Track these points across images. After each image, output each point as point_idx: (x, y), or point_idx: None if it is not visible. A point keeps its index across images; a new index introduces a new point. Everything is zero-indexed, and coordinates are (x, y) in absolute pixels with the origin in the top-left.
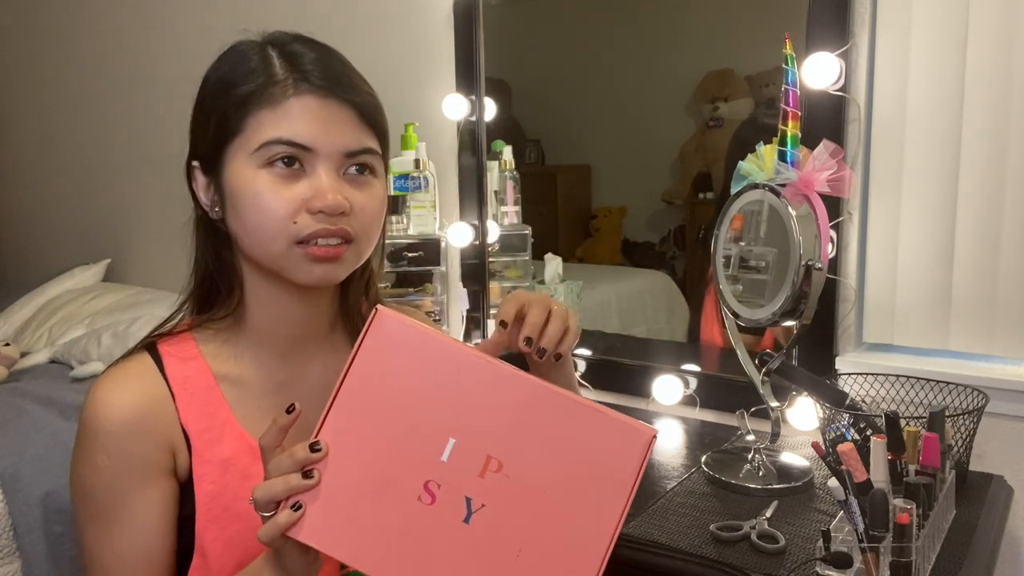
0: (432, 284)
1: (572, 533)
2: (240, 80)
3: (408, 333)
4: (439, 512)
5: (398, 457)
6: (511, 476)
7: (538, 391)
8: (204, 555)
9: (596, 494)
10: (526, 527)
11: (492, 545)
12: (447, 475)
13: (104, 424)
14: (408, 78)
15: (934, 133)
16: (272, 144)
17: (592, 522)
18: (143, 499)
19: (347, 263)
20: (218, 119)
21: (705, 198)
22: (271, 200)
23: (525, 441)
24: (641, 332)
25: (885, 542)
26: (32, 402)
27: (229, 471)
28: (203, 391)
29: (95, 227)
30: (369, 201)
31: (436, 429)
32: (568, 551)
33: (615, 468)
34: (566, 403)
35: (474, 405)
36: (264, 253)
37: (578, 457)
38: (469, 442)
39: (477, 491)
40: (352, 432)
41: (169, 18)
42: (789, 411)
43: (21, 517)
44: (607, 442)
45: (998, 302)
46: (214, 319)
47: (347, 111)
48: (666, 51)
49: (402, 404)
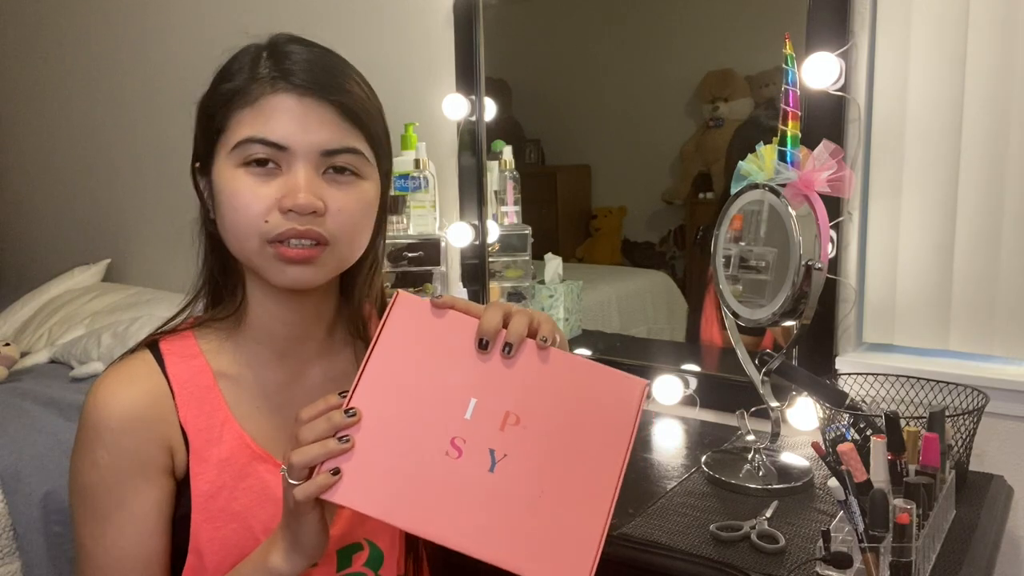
0: (432, 284)
1: (586, 472)
2: (227, 79)
3: (427, 309)
4: (466, 464)
5: (425, 418)
6: (528, 428)
7: (546, 353)
8: (199, 555)
9: (603, 437)
10: (545, 470)
11: (516, 489)
12: (471, 431)
13: (105, 421)
14: (408, 78)
15: (934, 133)
16: (247, 143)
17: (602, 461)
18: (141, 498)
19: (323, 266)
20: (207, 118)
21: (705, 198)
22: (245, 198)
23: (538, 397)
24: (641, 332)
25: (885, 542)
26: (32, 402)
27: (226, 471)
28: (203, 390)
29: (95, 227)
30: (348, 202)
31: (459, 391)
32: (584, 487)
33: (616, 414)
34: (571, 361)
35: (490, 368)
36: (241, 252)
37: (585, 407)
38: (489, 401)
39: (499, 443)
40: (381, 399)
41: (170, 18)
42: (789, 411)
43: (21, 517)
44: (607, 393)
45: (998, 302)
46: (217, 318)
47: (327, 110)
48: (666, 51)
49: (426, 371)
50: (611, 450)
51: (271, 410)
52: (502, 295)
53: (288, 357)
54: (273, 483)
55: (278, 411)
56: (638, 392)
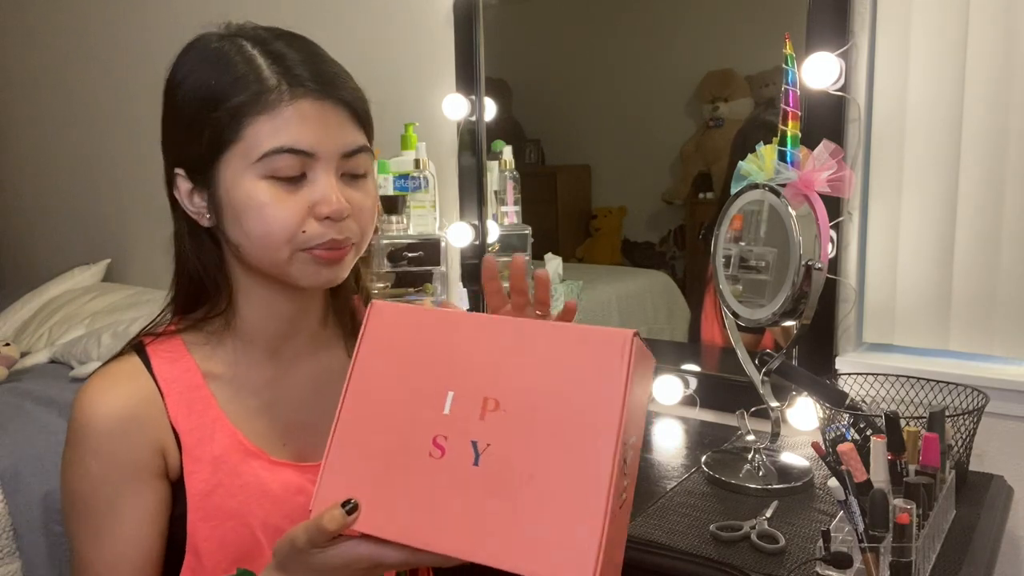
0: (432, 284)
1: (577, 447)
2: (231, 90)
3: (401, 312)
4: (449, 462)
5: (406, 424)
6: (509, 411)
7: (517, 325)
8: (197, 554)
9: (592, 406)
10: (532, 453)
11: (504, 479)
12: (451, 426)
13: (94, 427)
14: (408, 78)
15: (934, 133)
16: (275, 153)
17: (594, 432)
18: (134, 503)
19: (348, 263)
20: (212, 130)
21: (705, 198)
22: (277, 211)
23: (515, 374)
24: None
25: (885, 542)
26: (32, 402)
27: (220, 469)
28: (192, 389)
29: (95, 227)
30: (365, 200)
31: (435, 387)
32: (576, 464)
33: (603, 371)
34: (545, 329)
35: (464, 356)
36: (267, 260)
37: (567, 375)
38: (466, 390)
39: (481, 433)
40: (364, 418)
41: (170, 18)
42: (789, 411)
43: (21, 517)
44: (589, 351)
45: (998, 302)
46: (202, 320)
47: (342, 111)
48: (666, 51)
49: (403, 376)
50: (604, 417)
51: (262, 407)
52: None
53: (278, 354)
54: (268, 479)
55: (269, 408)
56: (620, 343)
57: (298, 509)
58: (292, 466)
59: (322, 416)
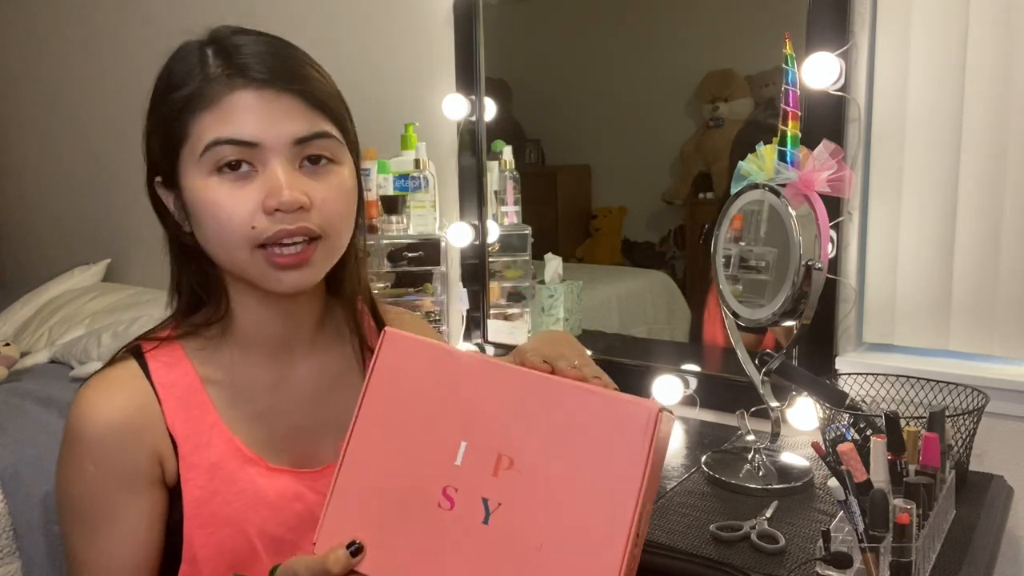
0: (432, 284)
1: (591, 519)
2: (178, 84)
3: (416, 347)
4: (459, 517)
5: (415, 468)
6: (523, 471)
7: (537, 382)
8: (193, 561)
9: (610, 477)
10: (544, 520)
11: (513, 543)
12: (463, 479)
13: (90, 431)
14: (408, 78)
15: (934, 133)
16: (215, 146)
17: (610, 505)
18: (129, 510)
19: (317, 264)
20: (164, 128)
21: (705, 198)
22: (225, 207)
23: (532, 433)
24: (641, 332)
25: (885, 542)
26: (32, 402)
27: (217, 475)
28: (189, 395)
29: (95, 227)
30: (331, 191)
31: (448, 435)
32: (590, 538)
33: (624, 448)
34: (566, 389)
35: (480, 406)
36: (230, 262)
37: (586, 441)
38: (479, 443)
39: (493, 491)
40: (373, 453)
41: (170, 18)
42: (789, 411)
43: (21, 517)
44: (612, 423)
45: (998, 302)
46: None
47: (291, 99)
48: (666, 51)
49: (415, 416)
50: (621, 489)
51: (260, 413)
52: (502, 295)
53: (276, 359)
54: (264, 486)
55: (267, 414)
56: (645, 417)
57: (295, 517)
58: (290, 472)
59: (322, 420)
